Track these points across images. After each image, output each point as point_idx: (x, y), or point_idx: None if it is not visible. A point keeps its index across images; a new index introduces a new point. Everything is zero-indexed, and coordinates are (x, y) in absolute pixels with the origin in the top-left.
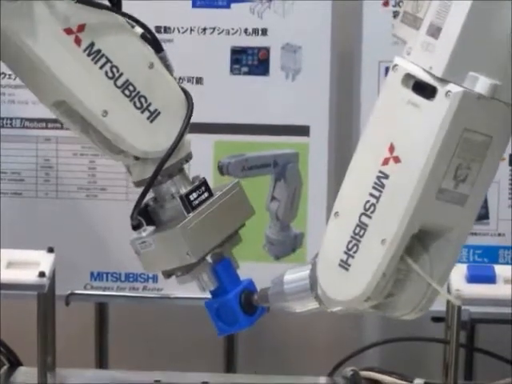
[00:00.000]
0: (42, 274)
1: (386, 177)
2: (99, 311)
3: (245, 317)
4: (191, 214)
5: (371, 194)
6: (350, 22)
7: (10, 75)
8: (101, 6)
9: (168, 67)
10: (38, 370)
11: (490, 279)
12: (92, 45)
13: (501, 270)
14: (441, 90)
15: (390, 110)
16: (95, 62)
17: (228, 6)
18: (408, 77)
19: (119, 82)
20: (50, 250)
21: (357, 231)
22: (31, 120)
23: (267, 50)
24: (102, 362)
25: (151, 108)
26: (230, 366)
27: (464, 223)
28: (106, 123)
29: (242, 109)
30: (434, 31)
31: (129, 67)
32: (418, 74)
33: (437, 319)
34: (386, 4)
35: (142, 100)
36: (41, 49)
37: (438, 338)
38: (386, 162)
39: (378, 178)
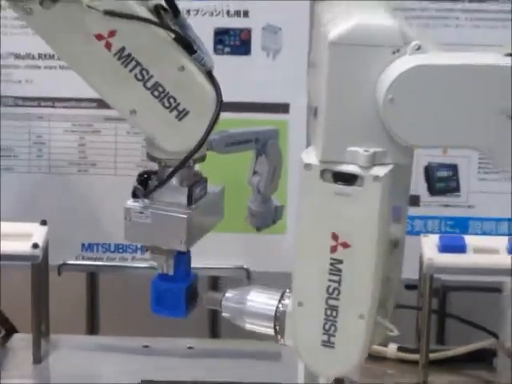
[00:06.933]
0: (35, 246)
1: (340, 262)
2: (90, 280)
3: (185, 308)
4: (193, 207)
5: (330, 280)
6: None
7: (2, 56)
8: (132, 17)
9: (204, 65)
10: (33, 336)
11: (461, 249)
12: (123, 49)
13: (471, 240)
14: (367, 176)
15: (319, 206)
16: (125, 66)
17: None
18: (324, 171)
19: (149, 84)
20: (43, 223)
21: (328, 313)
22: (24, 99)
23: (249, 30)
24: (93, 328)
25: (180, 107)
26: (214, 332)
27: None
28: (134, 121)
29: (225, 87)
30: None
31: (159, 70)
32: (333, 167)
33: (410, 287)
34: None
35: (171, 100)
36: (70, 54)
37: (412, 305)
38: (334, 249)
39: (332, 264)
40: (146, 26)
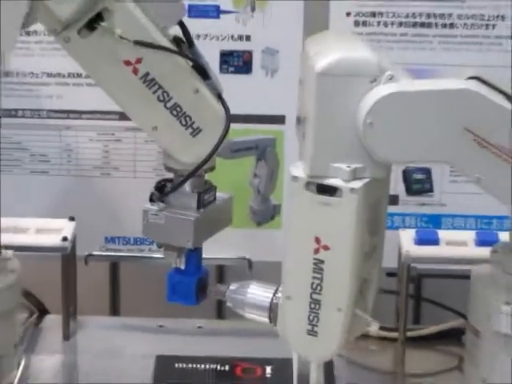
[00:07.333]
0: (64, 239)
1: (322, 262)
2: (113, 269)
3: (195, 298)
4: (201, 211)
5: (314, 277)
6: (319, 30)
7: (36, 74)
8: (158, 47)
9: (215, 89)
10: (63, 316)
11: (434, 242)
12: (147, 74)
13: (443, 234)
14: (345, 189)
15: (304, 212)
16: (149, 88)
17: (218, 16)
18: (309, 183)
19: (168, 105)
20: (72, 219)
21: (312, 306)
22: (55, 111)
23: (250, 53)
24: (115, 310)
25: (194, 125)
26: (220, 314)
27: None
28: (155, 137)
29: (229, 102)
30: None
31: (177, 93)
32: (317, 180)
33: (390, 274)
34: (348, 14)
35: (187, 119)
36: (100, 76)
37: (391, 290)
38: (316, 251)
39: (315, 263)
40: (168, 55)
